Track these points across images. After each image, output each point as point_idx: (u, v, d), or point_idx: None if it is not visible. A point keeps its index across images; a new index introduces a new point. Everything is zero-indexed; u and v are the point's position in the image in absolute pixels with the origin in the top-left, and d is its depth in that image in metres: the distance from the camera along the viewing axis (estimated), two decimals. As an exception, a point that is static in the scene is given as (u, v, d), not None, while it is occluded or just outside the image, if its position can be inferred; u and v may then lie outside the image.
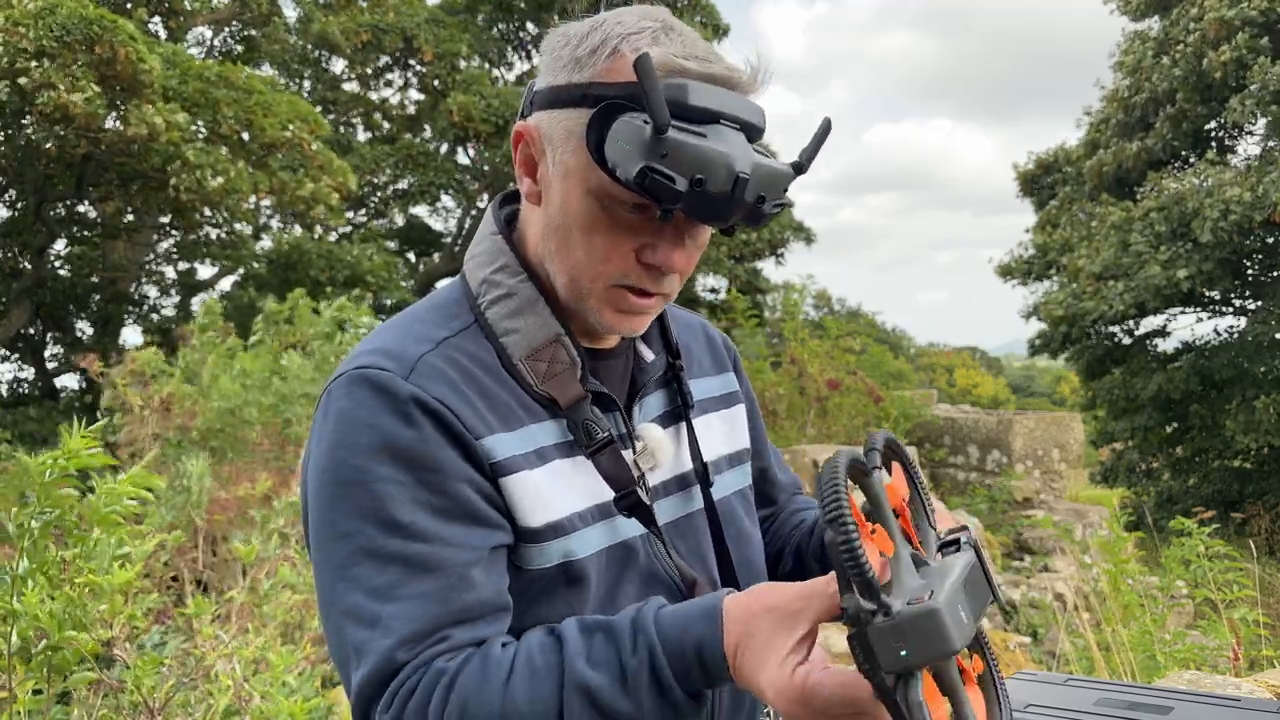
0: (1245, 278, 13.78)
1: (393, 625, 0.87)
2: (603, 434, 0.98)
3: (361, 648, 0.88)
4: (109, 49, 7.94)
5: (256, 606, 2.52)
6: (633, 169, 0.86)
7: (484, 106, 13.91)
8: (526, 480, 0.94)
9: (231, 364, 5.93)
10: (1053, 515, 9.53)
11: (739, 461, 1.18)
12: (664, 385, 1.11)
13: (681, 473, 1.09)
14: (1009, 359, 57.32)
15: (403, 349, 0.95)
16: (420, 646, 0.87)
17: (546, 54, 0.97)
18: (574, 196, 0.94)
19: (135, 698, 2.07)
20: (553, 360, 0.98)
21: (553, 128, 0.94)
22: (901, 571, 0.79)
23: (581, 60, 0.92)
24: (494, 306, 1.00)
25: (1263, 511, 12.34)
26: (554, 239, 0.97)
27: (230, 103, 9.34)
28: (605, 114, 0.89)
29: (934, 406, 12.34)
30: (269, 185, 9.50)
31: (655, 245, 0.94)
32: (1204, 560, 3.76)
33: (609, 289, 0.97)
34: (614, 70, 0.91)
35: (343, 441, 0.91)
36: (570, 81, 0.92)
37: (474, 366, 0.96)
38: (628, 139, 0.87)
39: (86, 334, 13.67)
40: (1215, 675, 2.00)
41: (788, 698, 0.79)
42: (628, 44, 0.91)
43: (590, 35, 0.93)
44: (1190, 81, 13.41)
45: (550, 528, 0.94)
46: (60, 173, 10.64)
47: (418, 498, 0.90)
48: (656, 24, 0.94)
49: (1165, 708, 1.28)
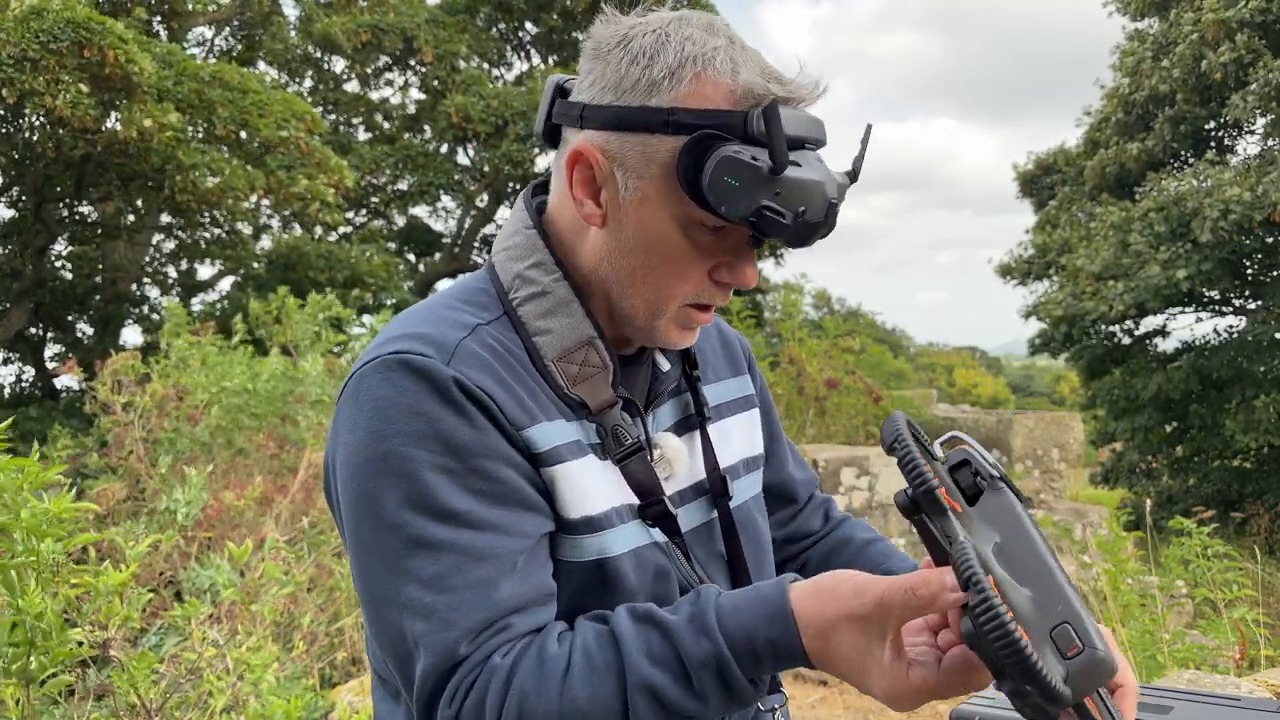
0: (1244, 277, 13.77)
1: (451, 617, 0.85)
2: (631, 441, 0.97)
3: (421, 641, 0.86)
4: (97, 52, 7.90)
5: (247, 606, 2.51)
6: (743, 205, 0.87)
7: (483, 107, 13.90)
8: (567, 472, 0.93)
9: (229, 365, 5.91)
10: (1052, 515, 9.53)
11: (754, 467, 1.18)
12: (677, 394, 1.10)
13: (696, 482, 1.08)
14: (1009, 359, 57.34)
15: (440, 334, 0.93)
16: (481, 638, 0.86)
17: (599, 66, 0.94)
18: (655, 223, 0.93)
19: (132, 699, 2.07)
20: (584, 363, 0.97)
21: (625, 151, 0.92)
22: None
23: (658, 83, 0.90)
24: (527, 304, 0.98)
25: (1262, 511, 12.34)
26: (628, 263, 0.96)
27: (225, 103, 9.32)
28: (698, 144, 0.88)
29: (934, 406, 12.35)
30: (265, 184, 9.48)
31: (731, 265, 0.96)
32: (1203, 560, 3.76)
33: (681, 308, 0.98)
34: (698, 95, 0.90)
35: (385, 430, 0.88)
36: (646, 105, 0.90)
37: (509, 355, 0.95)
38: (735, 175, 0.87)
39: (87, 335, 13.67)
40: (1215, 675, 2.00)
41: (909, 700, 0.81)
42: (709, 67, 0.90)
43: (660, 54, 0.91)
44: (1189, 83, 13.41)
45: (585, 521, 0.94)
46: (60, 173, 10.63)
47: (469, 485, 0.88)
48: (723, 40, 0.93)
49: (1165, 707, 1.27)
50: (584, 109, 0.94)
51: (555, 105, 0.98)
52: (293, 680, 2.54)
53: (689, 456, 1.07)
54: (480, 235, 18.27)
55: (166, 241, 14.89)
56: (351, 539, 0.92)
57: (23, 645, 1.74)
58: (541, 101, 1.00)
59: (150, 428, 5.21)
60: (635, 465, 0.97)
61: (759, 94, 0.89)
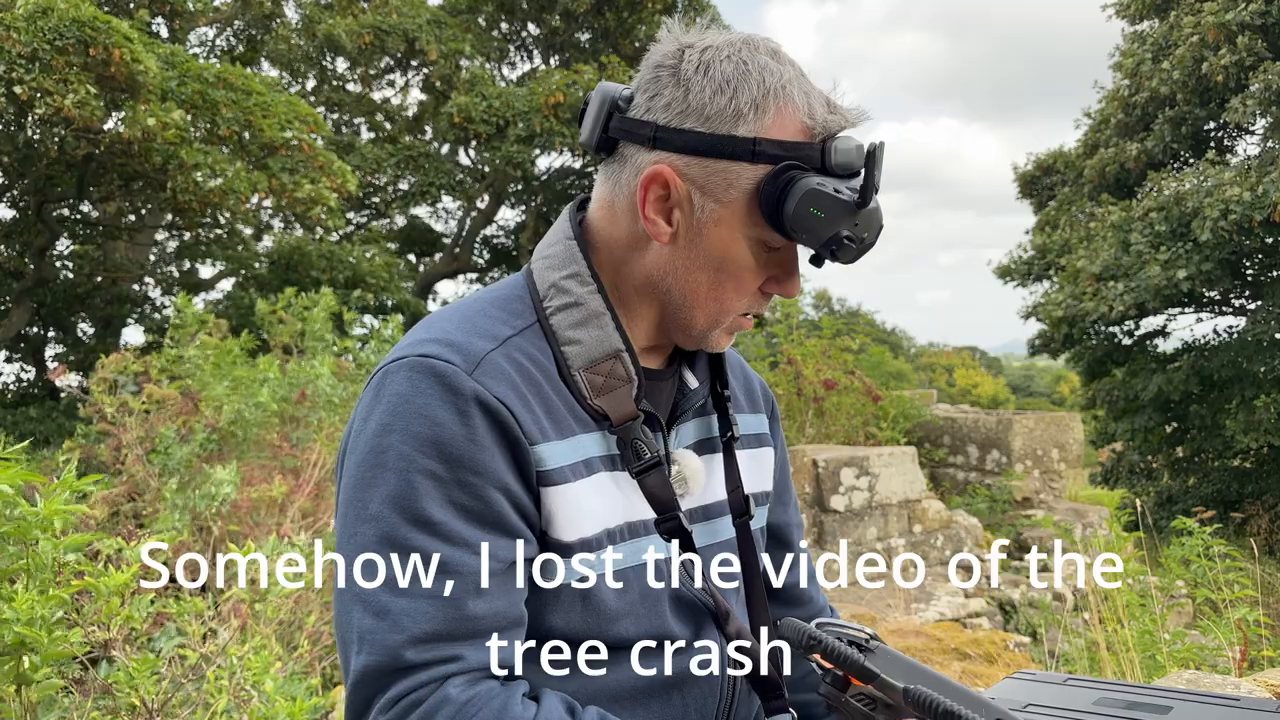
0: (1244, 277, 13.77)
1: (403, 621, 0.87)
2: (650, 455, 0.99)
3: (366, 636, 0.87)
4: (103, 50, 7.92)
5: (252, 605, 2.52)
6: (825, 235, 0.94)
7: (485, 108, 13.90)
8: (569, 493, 0.95)
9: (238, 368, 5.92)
10: (1052, 515, 9.53)
11: (761, 502, 1.20)
12: (701, 414, 1.13)
13: (708, 503, 1.10)
14: (1009, 359, 57.35)
15: (469, 343, 0.95)
16: (431, 652, 0.87)
17: (676, 90, 0.97)
18: (730, 244, 0.98)
19: (133, 699, 2.07)
20: (610, 375, 0.99)
21: (707, 177, 0.96)
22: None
23: (744, 114, 0.95)
24: (560, 313, 1.01)
25: (1262, 511, 12.35)
26: (695, 278, 1.00)
27: (229, 104, 9.33)
28: (781, 173, 0.94)
29: (933, 406, 12.34)
30: (268, 186, 9.49)
31: (782, 279, 1.02)
32: (1204, 560, 3.76)
33: (735, 319, 1.04)
34: (779, 128, 0.95)
35: (392, 425, 0.91)
36: (732, 134, 0.95)
37: (534, 369, 0.97)
38: (823, 207, 0.93)
39: (87, 335, 13.67)
40: (1215, 675, 2.00)
41: None
42: (788, 102, 0.96)
43: (744, 84, 0.95)
44: (1189, 85, 13.42)
45: (580, 543, 0.95)
46: (61, 173, 10.63)
47: (452, 497, 0.90)
48: (790, 69, 0.98)
49: (1164, 707, 1.28)
50: (658, 130, 0.97)
51: (614, 119, 1.00)
52: (295, 680, 2.55)
53: (705, 477, 1.09)
54: (480, 236, 18.27)
55: (168, 241, 14.90)
56: (338, 520, 0.95)
57: (14, 645, 1.75)
58: (592, 110, 1.02)
59: (150, 428, 5.20)
60: (653, 479, 0.99)
61: (831, 128, 0.96)
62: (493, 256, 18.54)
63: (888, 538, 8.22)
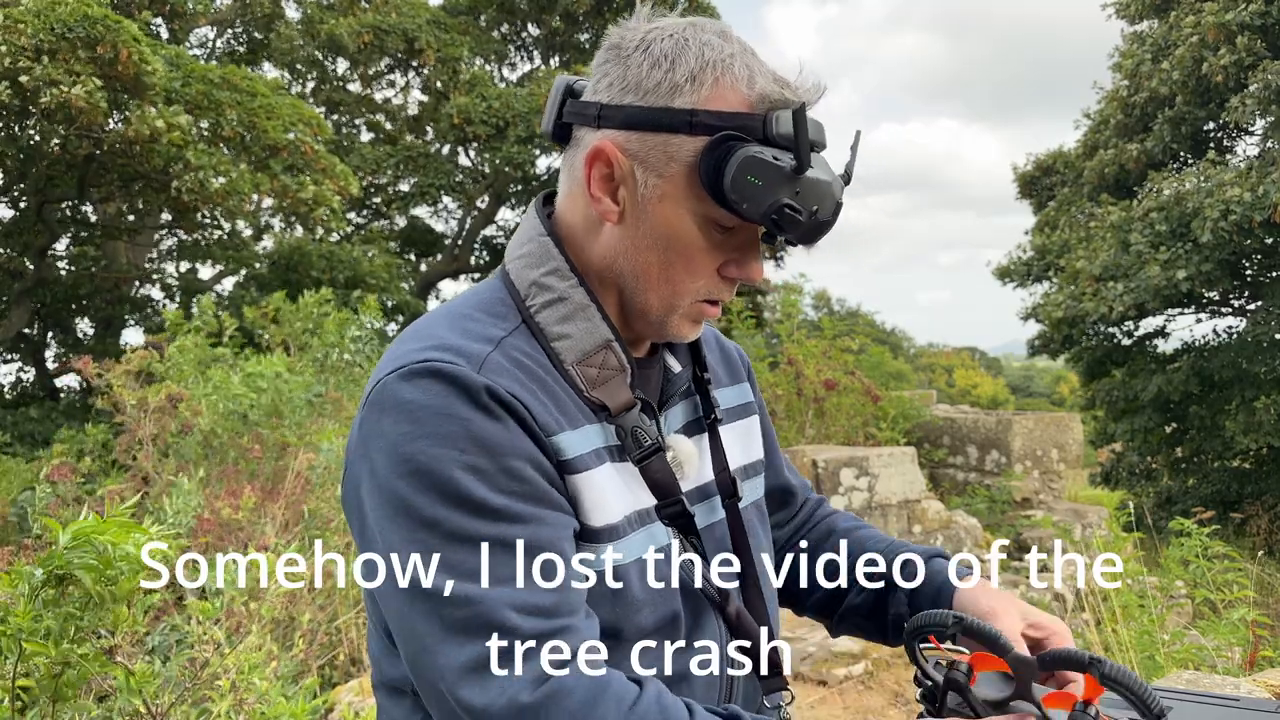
0: (1244, 278, 13.77)
1: (494, 599, 0.84)
2: (650, 442, 0.99)
3: (458, 626, 0.84)
4: (111, 49, 7.93)
5: (246, 604, 2.52)
6: (765, 203, 0.91)
7: (484, 108, 13.90)
8: (592, 480, 0.94)
9: (230, 368, 5.92)
10: (1052, 515, 9.53)
11: (754, 473, 1.20)
12: (686, 396, 1.12)
13: (703, 484, 1.09)
14: (1008, 359, 57.33)
15: (467, 346, 0.93)
16: (543, 623, 0.85)
17: (617, 68, 0.96)
18: (674, 219, 0.96)
19: (137, 704, 2.07)
20: (603, 366, 0.99)
21: (646, 150, 0.95)
22: None
23: (680, 86, 0.93)
24: (545, 310, 1.00)
25: (1261, 511, 12.34)
26: (644, 259, 0.98)
27: (233, 105, 9.34)
28: (720, 144, 0.92)
29: (933, 407, 12.34)
30: (270, 187, 9.49)
31: (740, 261, 0.99)
32: (1203, 561, 3.76)
33: (693, 304, 1.01)
34: (718, 99, 0.93)
35: (416, 432, 0.88)
36: (669, 106, 0.93)
37: (534, 366, 0.96)
38: (759, 174, 0.90)
39: (87, 335, 13.67)
40: (1215, 675, 2.00)
41: None
42: (727, 73, 0.94)
43: (682, 58, 0.94)
44: (1189, 85, 13.42)
45: (607, 529, 0.95)
46: (62, 173, 10.64)
47: (502, 485, 0.88)
48: (737, 46, 0.96)
49: (1164, 708, 1.27)
50: (602, 108, 0.96)
51: (566, 105, 1.00)
52: (292, 680, 2.54)
53: (698, 458, 1.09)
54: (481, 236, 18.27)
55: (163, 241, 14.89)
56: (381, 540, 0.90)
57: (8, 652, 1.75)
58: (549, 101, 1.02)
59: (161, 426, 5.22)
60: (655, 465, 0.99)
61: (774, 99, 0.93)
62: (493, 257, 18.55)
63: (887, 538, 8.21)
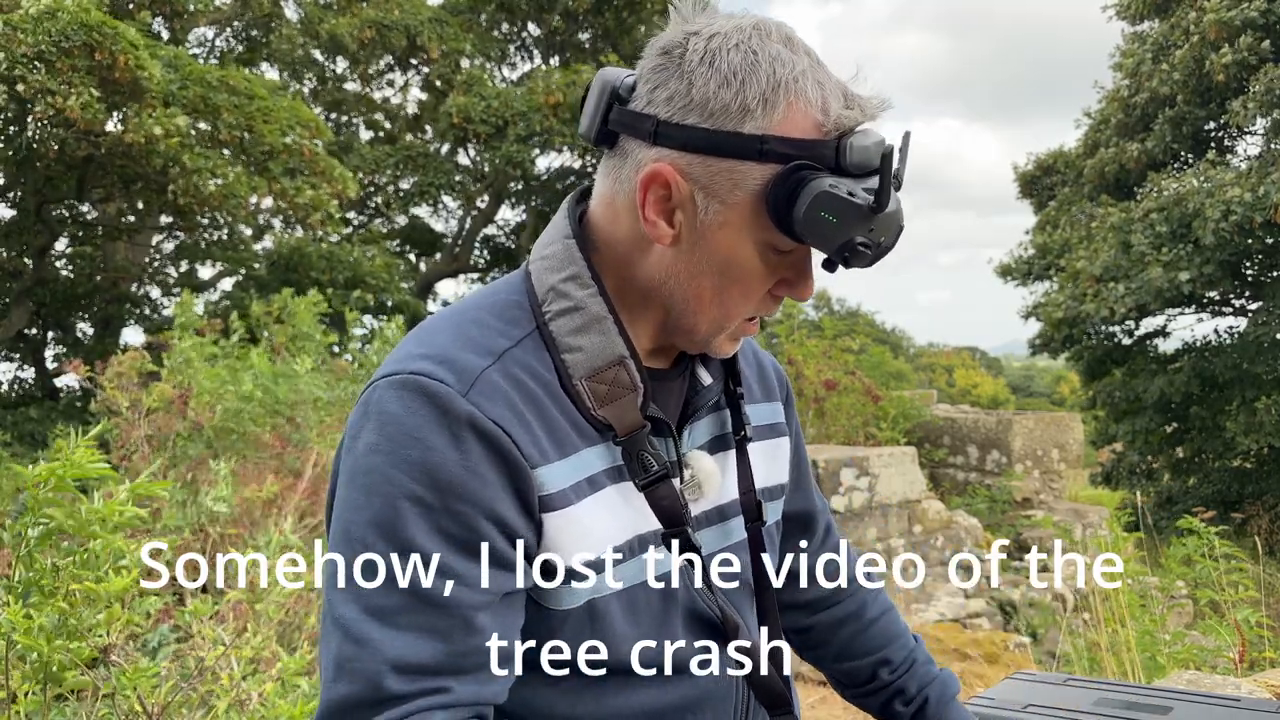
0: (1244, 278, 13.78)
1: (384, 650, 0.83)
2: (658, 467, 0.94)
3: (345, 664, 0.83)
4: (108, 55, 7.94)
5: (253, 605, 2.52)
6: (837, 241, 0.88)
7: (484, 108, 13.91)
8: (572, 516, 0.90)
9: (239, 365, 5.92)
10: (1052, 515, 9.54)
11: (774, 497, 1.15)
12: (715, 409, 1.07)
13: (723, 504, 1.05)
14: (1009, 359, 57.31)
15: (464, 361, 0.89)
16: (416, 684, 0.83)
17: (678, 82, 0.90)
18: (735, 246, 0.92)
19: (133, 702, 2.07)
20: (613, 383, 0.94)
21: (710, 177, 0.90)
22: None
23: (751, 109, 0.88)
24: (559, 319, 0.95)
25: (1262, 511, 12.35)
26: (699, 283, 0.94)
27: (231, 108, 9.33)
28: (791, 174, 0.88)
29: (933, 406, 12.34)
30: (268, 190, 9.49)
31: (794, 281, 0.96)
32: (1207, 561, 3.76)
33: (740, 324, 0.98)
34: (790, 124, 0.88)
35: (380, 447, 0.86)
36: (738, 131, 0.88)
37: (534, 384, 0.92)
38: (835, 212, 0.86)
39: (87, 335, 13.67)
40: (1215, 675, 2.00)
41: None
42: (800, 95, 0.88)
43: (753, 77, 0.88)
44: (1190, 85, 13.41)
45: (587, 566, 0.91)
46: (61, 174, 10.64)
47: (441, 525, 0.85)
48: (804, 58, 0.91)
49: (1165, 708, 1.28)
50: (659, 124, 0.90)
51: (613, 112, 0.94)
52: (296, 680, 2.54)
53: (720, 477, 1.05)
54: (481, 235, 18.27)
55: (167, 242, 14.90)
56: (328, 539, 0.92)
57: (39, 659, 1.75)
58: (591, 100, 0.96)
59: (158, 427, 5.22)
60: (661, 492, 0.94)
61: (846, 124, 0.89)
62: (493, 256, 18.54)
63: (888, 538, 8.22)
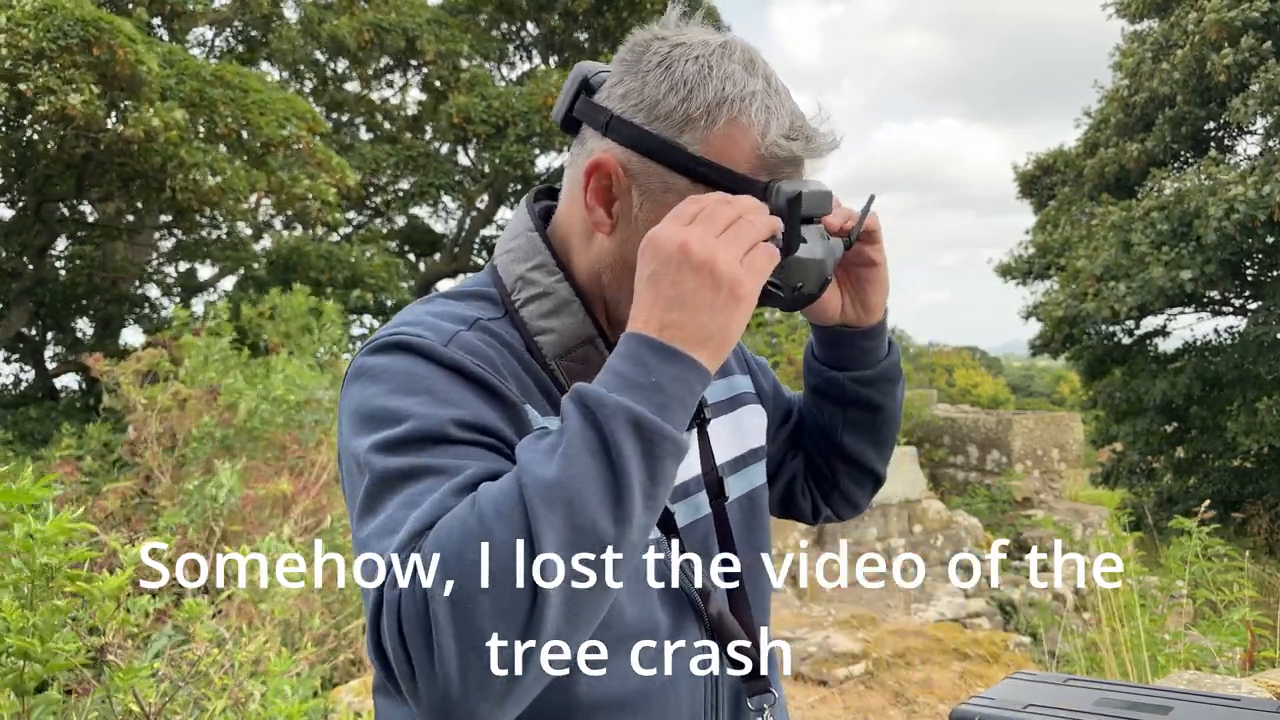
0: (1245, 277, 13.78)
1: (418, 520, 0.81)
2: None
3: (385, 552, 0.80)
4: (107, 50, 7.95)
5: (255, 604, 2.52)
6: None
7: (484, 108, 13.91)
8: None
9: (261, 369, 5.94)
10: (1052, 515, 9.54)
11: (745, 464, 1.16)
12: None
13: (684, 481, 1.07)
14: (1009, 359, 57.29)
15: (438, 324, 0.93)
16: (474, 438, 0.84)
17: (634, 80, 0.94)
18: None
19: (129, 702, 2.07)
20: (585, 361, 0.97)
21: (647, 175, 0.93)
22: None
23: (693, 119, 0.91)
24: (529, 305, 0.99)
25: (1262, 511, 12.35)
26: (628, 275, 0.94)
27: (227, 102, 9.34)
28: None
29: (934, 406, 12.35)
30: (266, 184, 9.49)
31: None
32: (1202, 561, 3.76)
33: None
34: (728, 141, 0.91)
35: (380, 390, 0.88)
36: (676, 142, 0.92)
37: (509, 353, 0.95)
38: None
39: (86, 334, 13.67)
40: (1215, 675, 2.00)
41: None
42: (744, 114, 0.91)
43: (700, 89, 0.91)
44: (1190, 85, 13.42)
45: None
46: (60, 173, 10.64)
47: (452, 416, 0.85)
48: (761, 82, 0.93)
49: (1165, 708, 1.28)
50: (611, 118, 0.94)
51: (579, 100, 0.98)
52: (304, 681, 2.54)
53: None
54: (480, 236, 18.28)
55: (161, 242, 14.89)
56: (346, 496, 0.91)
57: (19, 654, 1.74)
58: (565, 88, 1.00)
59: (169, 425, 5.23)
60: None
61: (783, 158, 0.92)
62: (492, 256, 18.55)
63: (888, 538, 8.23)
